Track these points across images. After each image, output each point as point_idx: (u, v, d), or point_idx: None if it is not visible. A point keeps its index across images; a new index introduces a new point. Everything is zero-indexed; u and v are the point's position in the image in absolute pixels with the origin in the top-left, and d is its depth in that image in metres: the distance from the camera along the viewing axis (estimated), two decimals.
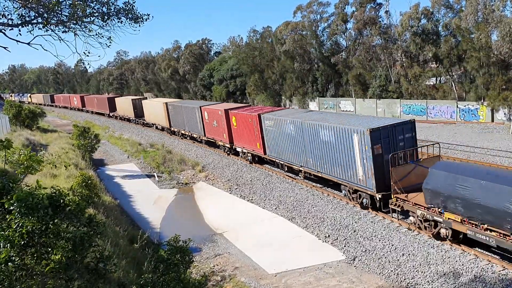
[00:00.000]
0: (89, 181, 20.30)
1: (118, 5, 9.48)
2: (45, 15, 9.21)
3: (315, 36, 59.38)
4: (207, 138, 40.96)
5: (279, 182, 28.27)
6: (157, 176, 34.07)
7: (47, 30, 9.28)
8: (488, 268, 14.94)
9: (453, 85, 46.27)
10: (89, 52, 9.48)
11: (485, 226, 14.75)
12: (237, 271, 17.76)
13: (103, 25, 9.45)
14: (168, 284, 10.45)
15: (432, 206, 17.01)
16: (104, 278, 9.17)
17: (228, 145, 36.50)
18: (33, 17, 9.29)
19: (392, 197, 19.04)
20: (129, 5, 9.55)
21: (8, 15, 9.02)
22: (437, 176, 16.65)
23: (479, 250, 16.11)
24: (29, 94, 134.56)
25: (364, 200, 21.37)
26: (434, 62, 49.17)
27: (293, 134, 26.39)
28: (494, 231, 14.48)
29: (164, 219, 25.06)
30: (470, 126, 40.63)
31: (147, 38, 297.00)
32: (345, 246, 18.66)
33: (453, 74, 47.47)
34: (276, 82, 68.09)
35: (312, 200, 24.11)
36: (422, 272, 15.51)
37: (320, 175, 24.86)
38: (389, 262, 16.59)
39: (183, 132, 46.72)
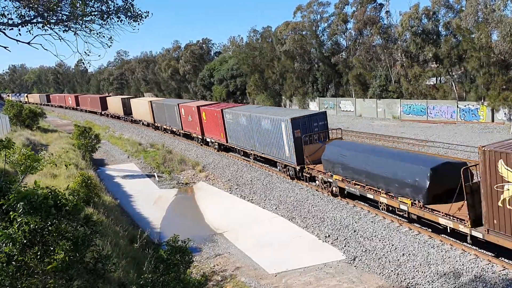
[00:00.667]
0: (89, 181, 20.32)
1: (117, 4, 9.47)
2: (45, 14, 9.19)
3: (315, 36, 59.41)
4: (184, 131, 46.30)
5: (279, 182, 28.25)
6: (157, 176, 34.07)
7: (47, 30, 9.28)
8: (488, 268, 14.91)
9: (454, 85, 46.26)
10: (90, 52, 9.47)
11: (354, 182, 21.26)
12: (237, 271, 17.74)
13: (102, 24, 9.43)
14: (168, 284, 10.43)
15: (327, 171, 23.41)
16: (104, 278, 9.15)
17: (200, 137, 42.07)
18: (33, 17, 9.28)
19: (306, 168, 25.57)
20: (128, 3, 9.53)
21: (8, 14, 9.02)
22: (329, 150, 23.35)
23: (479, 250, 16.09)
24: (26, 94, 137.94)
25: (291, 172, 27.76)
26: (434, 62, 49.17)
27: (245, 124, 32.33)
28: (358, 185, 20.97)
29: (164, 219, 25.04)
30: (470, 126, 40.60)
31: (147, 38, 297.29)
32: (345, 246, 18.65)
33: (454, 74, 47.46)
34: (276, 82, 68.08)
35: (312, 200, 24.09)
36: (422, 272, 15.49)
37: (263, 155, 31.03)
38: (389, 262, 16.57)
39: (165, 127, 52.31)
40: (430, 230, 18.23)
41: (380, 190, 19.62)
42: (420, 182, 17.17)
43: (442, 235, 17.64)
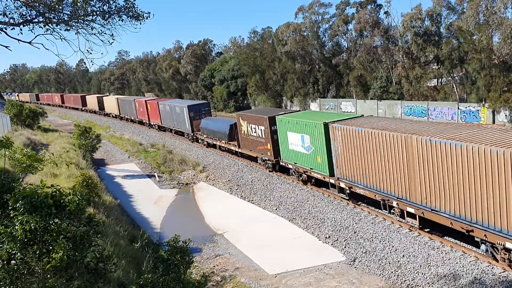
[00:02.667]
0: (89, 181, 20.35)
1: (118, 3, 9.48)
2: (47, 14, 9.20)
3: (317, 37, 59.38)
4: (138, 119, 62.12)
5: (279, 183, 28.24)
6: (158, 176, 34.08)
7: (48, 29, 9.27)
8: (488, 270, 14.90)
9: (455, 86, 46.22)
10: (92, 50, 9.48)
11: (207, 136, 39.45)
12: (237, 271, 17.73)
13: (104, 24, 9.44)
14: (168, 284, 10.43)
15: (202, 133, 41.29)
16: (104, 277, 9.16)
17: (148, 122, 58.29)
18: (34, 16, 9.28)
19: (195, 133, 43.40)
20: (129, 3, 9.54)
21: (9, 14, 9.02)
22: (203, 122, 41.46)
23: (479, 252, 16.08)
24: (16, 93, 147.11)
25: (189, 137, 45.42)
26: (435, 64, 49.13)
27: (168, 111, 49.79)
28: (210, 138, 39.53)
29: (165, 219, 25.05)
30: None
31: (148, 39, 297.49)
32: (345, 247, 18.64)
33: (455, 75, 47.41)
34: (277, 83, 68.05)
35: (312, 201, 24.08)
36: (422, 273, 15.48)
37: (178, 129, 48.71)
38: (390, 263, 16.57)
39: (127, 117, 67.50)
40: (429, 231, 18.22)
41: (216, 138, 38.68)
42: (225, 132, 36.69)
43: (445, 237, 17.63)
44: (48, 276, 7.92)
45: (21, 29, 9.21)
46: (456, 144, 15.19)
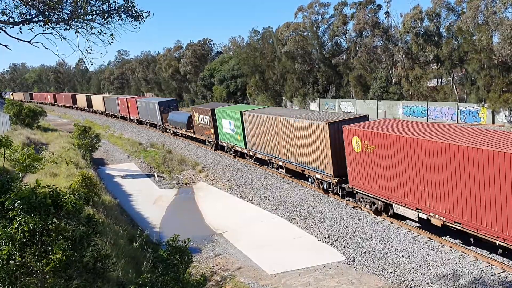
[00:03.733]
0: (88, 181, 20.33)
1: (118, 3, 9.47)
2: (46, 12, 9.18)
3: (316, 37, 59.38)
4: (120, 115, 70.52)
5: (279, 183, 28.24)
6: (157, 176, 34.06)
7: (48, 28, 9.26)
8: (487, 270, 14.91)
9: (454, 86, 46.24)
10: (91, 49, 9.46)
11: (174, 127, 49.12)
12: (236, 271, 17.74)
13: (103, 23, 9.42)
14: (167, 284, 10.42)
15: (169, 125, 50.04)
16: (103, 277, 9.14)
17: (128, 117, 66.82)
18: (34, 15, 9.26)
19: (164, 125, 52.29)
20: (129, 3, 9.53)
21: (9, 13, 9.00)
22: (170, 115, 49.93)
23: (479, 252, 16.08)
24: (11, 92, 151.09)
25: (159, 128, 53.90)
26: (435, 64, 49.16)
27: (144, 107, 58.79)
28: (175, 128, 48.87)
29: (164, 219, 25.04)
30: None
31: (148, 38, 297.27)
32: (344, 247, 18.64)
33: (454, 75, 47.42)
34: (277, 83, 68.05)
35: (312, 201, 24.08)
36: (421, 273, 15.48)
37: (152, 122, 57.14)
38: (389, 263, 16.57)
39: (111, 113, 75.24)
40: (429, 232, 18.22)
41: (179, 127, 47.39)
42: (184, 122, 44.98)
43: (443, 237, 17.64)
44: (47, 276, 7.90)
45: (20, 28, 9.20)
46: (277, 118, 27.70)
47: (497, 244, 14.60)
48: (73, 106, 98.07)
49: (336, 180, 22.62)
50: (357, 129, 20.34)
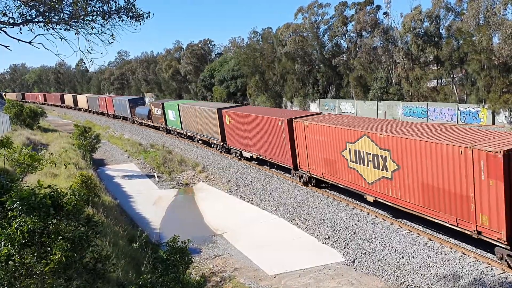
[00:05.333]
0: (88, 181, 20.32)
1: (119, 3, 9.46)
2: (46, 13, 9.18)
3: (316, 38, 59.41)
4: (100, 111, 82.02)
5: (279, 183, 28.23)
6: (157, 177, 34.05)
7: (48, 29, 9.25)
8: (488, 271, 14.90)
9: (454, 87, 46.25)
10: (91, 49, 9.46)
11: (139, 119, 62.44)
12: (236, 272, 17.73)
13: (104, 24, 9.42)
14: (167, 284, 10.42)
15: (138, 118, 62.52)
16: (103, 278, 9.14)
17: (107, 113, 78.03)
18: (34, 16, 9.26)
19: (133, 118, 65.18)
20: (129, 4, 9.52)
21: (9, 13, 9.00)
22: (136, 110, 62.63)
23: (479, 253, 16.08)
24: (4, 92, 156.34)
25: (129, 120, 67.18)
26: (435, 64, 49.17)
27: (118, 103, 70.25)
28: (142, 120, 60.93)
29: (164, 220, 25.03)
30: None
31: (149, 39, 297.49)
32: (344, 248, 18.63)
33: (454, 76, 47.43)
34: (277, 84, 68.06)
35: (312, 202, 24.08)
36: (421, 274, 15.48)
37: (122, 115, 69.51)
38: (389, 264, 16.56)
39: (93, 110, 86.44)
40: (430, 232, 18.23)
41: (143, 119, 59.32)
42: (146, 114, 58.24)
43: (443, 237, 17.64)
44: (47, 277, 7.90)
45: (20, 29, 9.20)
46: (195, 107, 42.23)
47: (270, 161, 30.32)
48: (61, 105, 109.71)
49: (222, 143, 37.66)
50: (227, 111, 35.74)
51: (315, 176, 25.34)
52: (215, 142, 39.11)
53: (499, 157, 13.67)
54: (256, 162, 33.45)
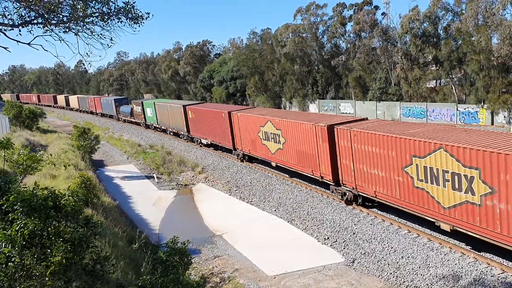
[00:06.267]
0: (88, 182, 20.31)
1: (118, 5, 9.45)
2: (46, 15, 9.18)
3: (315, 39, 59.45)
4: (90, 110, 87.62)
5: (278, 184, 28.24)
6: (157, 177, 34.04)
7: (47, 31, 9.25)
8: (487, 271, 14.91)
9: (453, 87, 46.29)
10: (91, 52, 9.45)
11: (124, 115, 69.01)
12: (236, 273, 17.73)
13: (103, 25, 9.41)
14: (166, 285, 10.43)
15: (122, 116, 69.29)
16: (102, 279, 9.14)
17: (96, 112, 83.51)
18: (33, 18, 9.26)
19: (118, 115, 72.06)
20: (129, 5, 9.51)
21: (8, 15, 9.00)
22: (121, 108, 69.35)
23: (478, 253, 16.10)
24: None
25: (114, 118, 73.62)
26: (434, 65, 49.21)
27: (105, 103, 77.00)
28: (126, 116, 67.98)
29: (164, 221, 25.01)
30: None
31: (148, 40, 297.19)
32: (344, 248, 18.64)
33: (453, 76, 47.48)
34: (276, 84, 68.09)
35: (311, 202, 24.08)
36: (421, 275, 15.49)
37: (108, 113, 76.07)
38: (389, 264, 16.57)
39: (84, 109, 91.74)
40: (429, 233, 18.24)
41: (126, 116, 66.85)
42: (129, 111, 65.64)
43: (442, 237, 17.65)
44: (47, 279, 7.90)
45: (20, 30, 9.19)
46: (167, 105, 51.14)
47: (219, 145, 38.83)
48: (54, 105, 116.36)
49: (187, 134, 45.33)
50: (190, 107, 43.69)
51: (245, 153, 33.97)
52: (182, 133, 46.99)
53: (324, 129, 22.83)
54: (213, 148, 41.23)
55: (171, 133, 51.02)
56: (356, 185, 21.59)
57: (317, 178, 24.66)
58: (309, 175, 25.54)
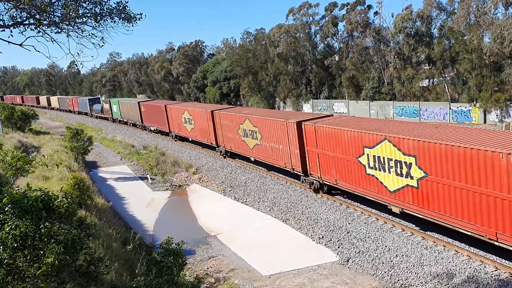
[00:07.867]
0: (81, 184, 20.20)
1: (110, 5, 9.41)
2: (37, 16, 9.11)
3: (308, 39, 59.56)
4: (68, 109, 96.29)
5: (273, 184, 28.26)
6: (150, 178, 33.92)
7: (39, 31, 9.18)
8: (481, 269, 15.01)
9: (446, 86, 46.56)
10: (82, 52, 9.40)
11: (97, 114, 78.56)
12: (231, 273, 17.71)
13: (95, 26, 9.36)
14: (161, 286, 10.40)
15: (95, 113, 79.19)
16: (96, 280, 9.09)
17: (73, 111, 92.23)
18: (25, 18, 9.19)
19: (92, 113, 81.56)
20: (121, 5, 9.47)
21: None
22: (93, 106, 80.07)
23: (472, 251, 16.19)
24: None
25: (89, 115, 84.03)
26: (427, 64, 49.47)
27: (81, 102, 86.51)
28: (101, 114, 76.50)
29: (158, 222, 24.93)
30: None
31: (140, 40, 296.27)
32: (338, 247, 18.68)
33: (446, 75, 47.76)
34: (270, 84, 68.13)
35: (306, 202, 24.12)
36: (415, 273, 15.55)
37: (83, 111, 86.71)
38: (383, 263, 16.62)
39: (63, 108, 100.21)
40: (422, 231, 18.33)
41: (98, 113, 76.73)
42: (100, 109, 76.87)
43: (436, 236, 17.74)
44: (39, 280, 7.84)
45: (11, 31, 9.12)
46: (128, 103, 63.31)
47: (161, 130, 50.75)
48: (37, 105, 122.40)
49: (141, 124, 55.69)
50: (142, 103, 54.61)
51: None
52: (137, 123, 59.04)
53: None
54: (160, 134, 52.26)
55: (131, 124, 62.82)
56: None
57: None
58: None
